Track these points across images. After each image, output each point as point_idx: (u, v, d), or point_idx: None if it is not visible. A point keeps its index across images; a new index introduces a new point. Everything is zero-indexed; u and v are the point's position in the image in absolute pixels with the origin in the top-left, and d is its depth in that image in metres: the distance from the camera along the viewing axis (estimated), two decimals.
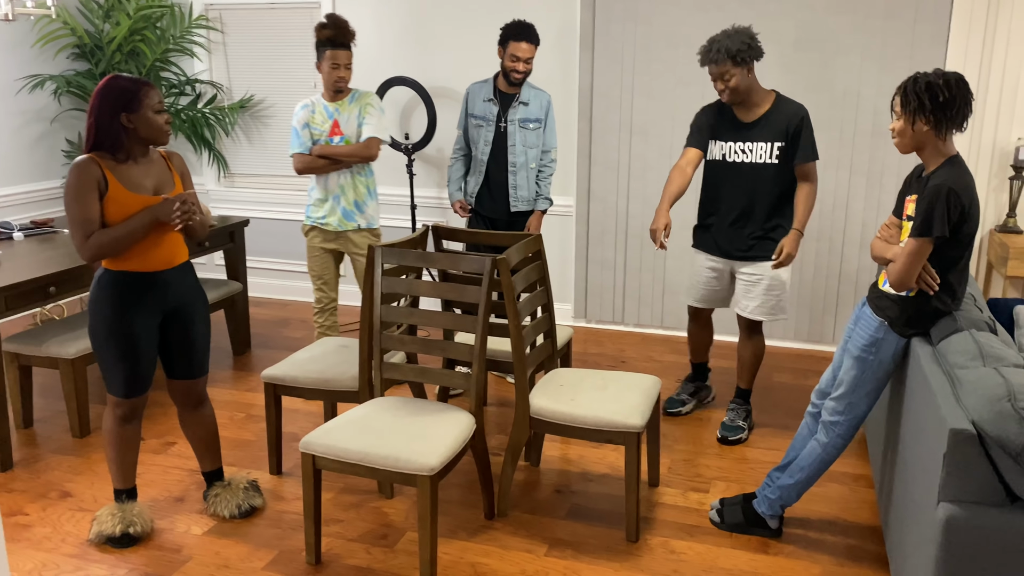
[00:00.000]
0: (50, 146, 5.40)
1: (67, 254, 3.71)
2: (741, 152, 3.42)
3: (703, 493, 3.18)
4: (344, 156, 3.75)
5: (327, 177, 3.81)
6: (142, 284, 2.71)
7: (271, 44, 5.38)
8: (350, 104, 3.76)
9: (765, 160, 3.39)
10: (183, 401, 2.95)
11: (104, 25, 5.24)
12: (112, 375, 2.74)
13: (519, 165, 3.99)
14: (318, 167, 3.77)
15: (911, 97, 2.39)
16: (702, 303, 3.69)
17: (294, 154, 3.79)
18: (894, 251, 2.52)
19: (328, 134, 3.76)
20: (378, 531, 2.93)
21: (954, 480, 1.97)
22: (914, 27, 4.24)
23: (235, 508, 3.00)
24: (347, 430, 2.67)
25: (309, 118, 3.77)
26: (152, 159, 2.75)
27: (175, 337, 2.84)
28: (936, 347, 2.43)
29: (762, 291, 3.51)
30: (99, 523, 2.84)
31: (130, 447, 2.86)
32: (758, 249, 3.48)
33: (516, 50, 3.81)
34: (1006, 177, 4.28)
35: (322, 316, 4.00)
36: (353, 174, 3.81)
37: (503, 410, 3.94)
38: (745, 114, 3.42)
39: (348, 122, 3.75)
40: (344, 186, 3.80)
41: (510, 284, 2.85)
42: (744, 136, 3.41)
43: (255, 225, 5.62)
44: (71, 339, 3.59)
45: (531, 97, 3.97)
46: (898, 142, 2.49)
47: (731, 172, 3.46)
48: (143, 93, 2.61)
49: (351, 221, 3.83)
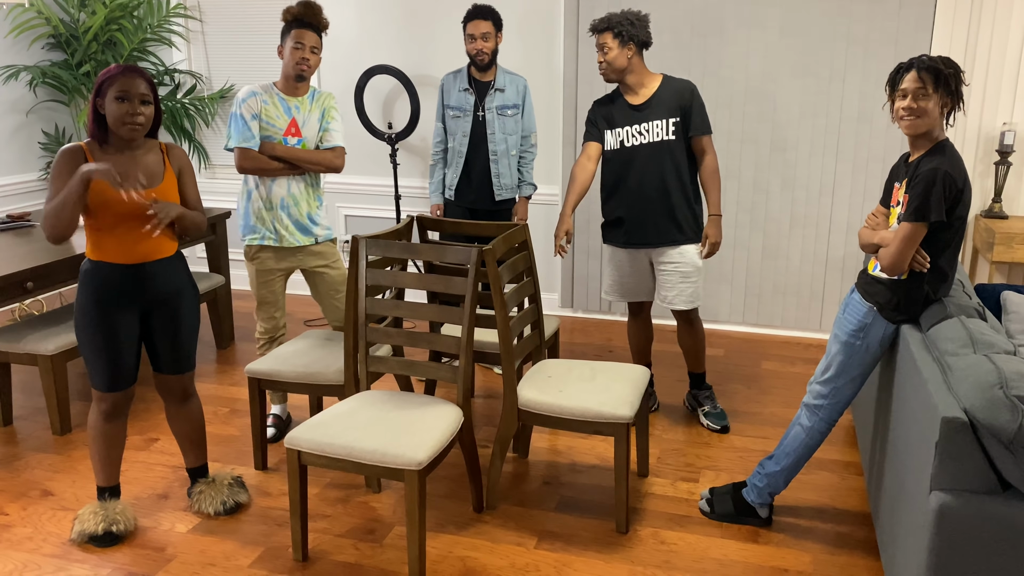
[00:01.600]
0: (26, 138, 5.30)
1: (44, 248, 3.64)
2: (638, 134, 3.40)
3: (693, 483, 3.17)
4: (308, 163, 3.28)
5: (273, 184, 3.29)
6: (123, 276, 2.65)
7: (251, 33, 5.30)
8: (311, 103, 3.32)
9: (663, 137, 3.37)
10: (170, 396, 2.91)
11: (80, 14, 5.14)
12: (94, 368, 2.70)
13: (500, 153, 3.94)
14: (270, 169, 3.25)
15: (943, 79, 2.34)
16: (633, 297, 3.61)
17: (239, 148, 3.22)
18: (882, 235, 2.50)
19: (284, 133, 3.26)
20: (366, 526, 2.90)
21: (946, 468, 1.96)
22: (899, 12, 4.22)
23: (220, 505, 2.96)
24: (333, 425, 2.63)
25: (262, 109, 3.24)
26: (144, 150, 2.67)
27: (160, 330, 2.79)
28: (926, 334, 2.42)
29: (679, 279, 3.47)
30: (81, 522, 2.79)
31: (114, 444, 2.81)
32: (670, 234, 3.44)
33: (473, 29, 3.76)
34: (991, 162, 4.28)
35: (268, 347, 3.49)
36: (307, 182, 3.35)
37: (491, 402, 3.91)
38: (635, 97, 3.41)
39: (308, 123, 3.31)
40: (297, 196, 3.32)
41: (496, 275, 2.81)
42: (638, 118, 3.40)
43: (237, 217, 5.55)
44: (50, 335, 3.53)
45: (507, 83, 3.91)
46: (923, 121, 2.39)
47: (631, 156, 3.42)
48: (112, 79, 2.54)
49: (307, 235, 3.37)
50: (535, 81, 4.81)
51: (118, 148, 2.63)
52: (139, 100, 2.56)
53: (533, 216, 4.99)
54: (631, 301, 3.64)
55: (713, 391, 3.74)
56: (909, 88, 2.39)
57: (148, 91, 2.59)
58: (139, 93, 2.56)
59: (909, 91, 2.39)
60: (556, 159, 4.90)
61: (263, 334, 3.48)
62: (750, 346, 4.61)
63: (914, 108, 2.39)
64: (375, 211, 5.26)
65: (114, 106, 2.54)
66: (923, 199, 2.33)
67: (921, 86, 2.37)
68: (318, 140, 3.36)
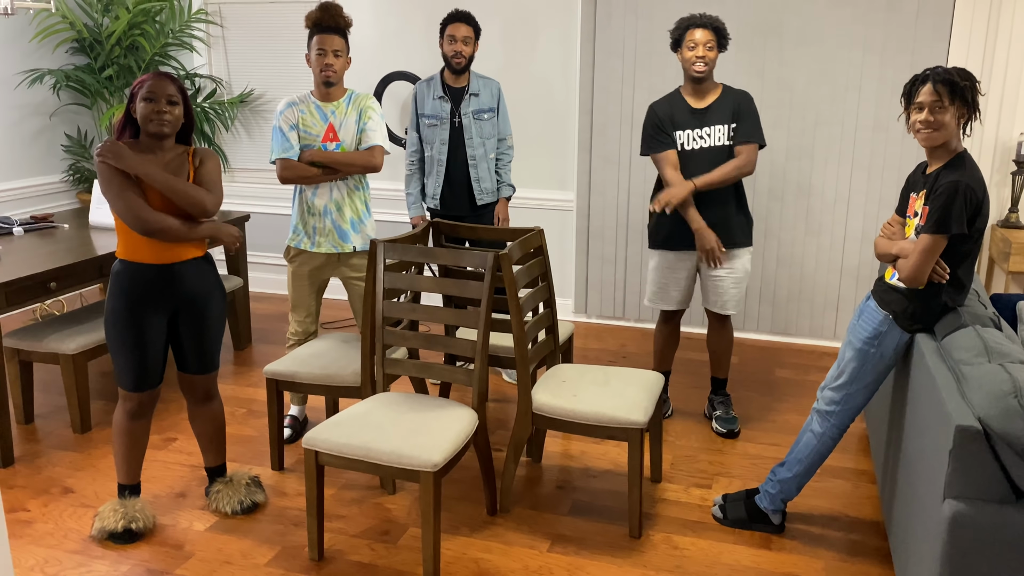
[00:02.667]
0: (49, 141, 5.38)
1: (67, 249, 3.70)
2: (699, 138, 3.42)
3: (706, 489, 3.18)
4: (344, 165, 3.27)
5: (317, 190, 3.32)
6: (151, 276, 2.71)
7: (271, 38, 5.36)
8: (347, 106, 3.32)
9: (723, 142, 3.40)
10: (192, 395, 2.95)
11: (103, 19, 5.22)
12: (121, 367, 2.76)
13: (479, 157, 3.89)
14: (310, 176, 3.28)
15: (959, 91, 2.36)
16: (677, 304, 3.62)
17: (279, 159, 3.27)
18: (900, 246, 2.51)
19: (322, 139, 3.28)
20: (380, 527, 2.93)
21: (960, 477, 1.97)
22: (916, 21, 4.23)
23: (237, 504, 2.99)
24: (349, 426, 2.66)
25: (299, 119, 3.28)
26: (172, 153, 2.73)
27: (186, 331, 2.83)
28: (940, 343, 2.42)
29: (731, 284, 3.51)
30: (101, 519, 2.84)
31: (137, 443, 2.86)
32: (725, 238, 3.45)
33: (454, 31, 3.74)
34: (1008, 172, 4.27)
35: (297, 346, 3.48)
36: (349, 188, 3.34)
37: (504, 406, 3.93)
38: (698, 100, 3.43)
39: (345, 127, 3.30)
40: (339, 201, 3.32)
41: (512, 279, 2.84)
42: (700, 122, 3.41)
43: (256, 220, 5.61)
44: (71, 334, 3.59)
45: (480, 87, 3.87)
46: (940, 134, 2.40)
47: (691, 161, 3.43)
48: (141, 82, 2.65)
49: (347, 242, 3.35)
50: (551, 87, 4.84)
51: (148, 149, 2.70)
52: (166, 100, 2.64)
53: (548, 222, 5.02)
54: (673, 309, 3.64)
55: (730, 398, 3.75)
56: (926, 101, 2.40)
57: (176, 92, 2.67)
58: (166, 94, 2.64)
59: (926, 104, 2.40)
60: (571, 165, 4.93)
61: (293, 335, 3.51)
62: (764, 354, 4.61)
63: (931, 121, 2.39)
64: (392, 215, 5.30)
65: (142, 106, 2.64)
66: (944, 211, 2.34)
67: (937, 99, 2.37)
68: (357, 143, 3.33)
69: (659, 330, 3.73)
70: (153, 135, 2.66)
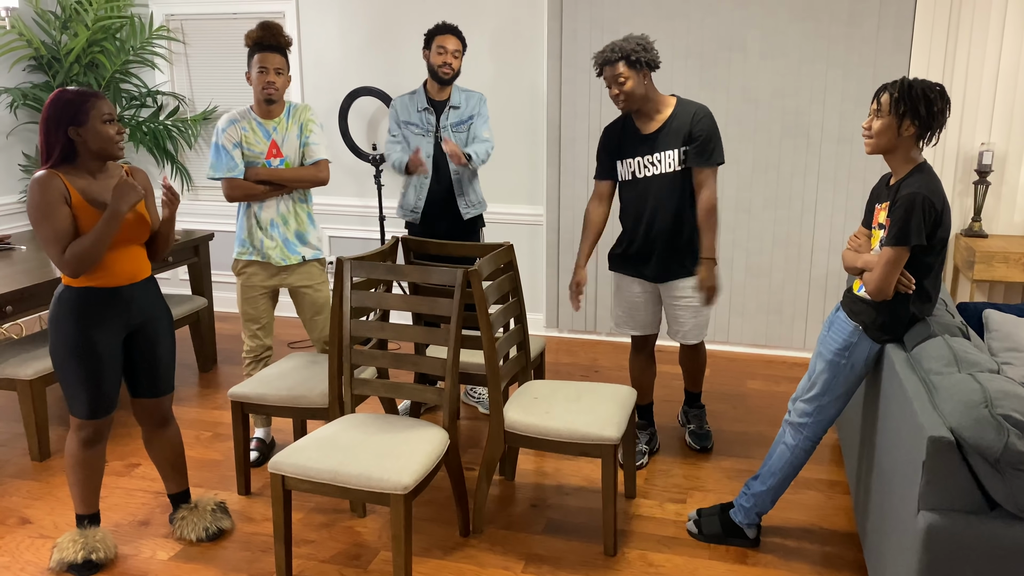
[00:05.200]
0: (6, 160, 5.25)
1: (24, 271, 3.60)
2: (649, 165, 3.24)
3: (680, 504, 3.16)
4: (292, 181, 3.31)
5: (263, 205, 3.34)
6: (105, 300, 2.63)
7: (233, 55, 5.29)
8: (287, 121, 3.33)
9: (674, 168, 3.21)
10: (148, 420, 2.86)
11: (61, 36, 5.12)
12: (75, 396, 2.65)
13: (461, 171, 3.76)
14: (258, 194, 3.30)
15: (906, 100, 2.38)
16: (644, 330, 3.44)
17: (226, 179, 3.28)
18: (865, 259, 2.52)
19: (266, 156, 3.30)
20: (351, 551, 2.87)
21: (934, 488, 1.96)
22: (877, 33, 4.28)
23: (202, 531, 2.91)
24: (317, 449, 2.60)
25: (241, 137, 3.28)
26: (112, 175, 2.67)
27: (140, 354, 2.76)
28: (910, 353, 2.43)
29: (690, 314, 3.36)
30: (60, 550, 2.74)
31: (94, 471, 2.77)
32: (683, 268, 3.31)
33: (443, 42, 3.63)
34: (970, 182, 4.33)
35: (255, 367, 3.50)
36: (295, 201, 3.38)
37: (476, 424, 3.88)
38: (646, 125, 3.25)
39: (288, 142, 3.32)
40: (285, 215, 3.36)
41: (482, 296, 2.81)
42: (649, 148, 3.23)
43: (220, 238, 5.52)
44: (29, 359, 3.48)
45: (462, 100, 3.76)
46: (874, 141, 2.46)
47: (644, 188, 3.26)
48: (90, 104, 2.52)
49: (294, 253, 3.39)
50: (518, 102, 4.83)
51: (90, 172, 2.61)
52: (116, 118, 2.62)
53: (517, 236, 4.99)
54: (641, 334, 3.47)
55: (704, 410, 3.73)
56: (872, 109, 2.48)
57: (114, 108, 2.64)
58: (115, 114, 2.61)
59: (871, 111, 2.49)
60: (540, 180, 4.92)
61: (248, 352, 3.48)
62: (734, 365, 4.62)
63: (866, 128, 2.48)
64: (359, 232, 5.25)
65: (104, 129, 2.55)
66: (903, 224, 2.36)
67: (876, 108, 2.45)
68: (300, 156, 3.36)
69: (633, 360, 3.53)
70: (115, 157, 2.60)
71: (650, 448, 3.53)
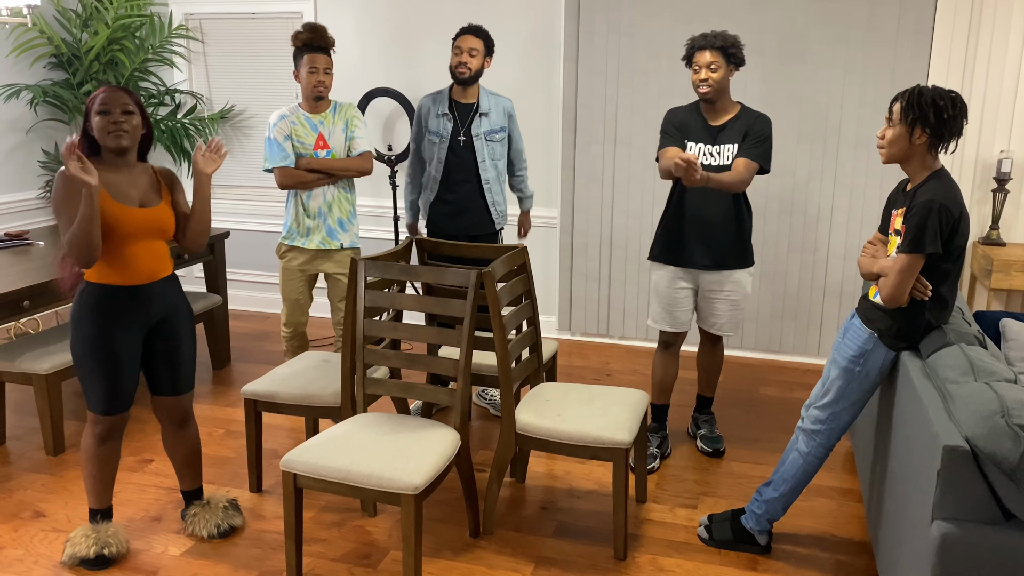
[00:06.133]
0: (26, 157, 5.30)
1: (42, 267, 3.63)
2: (710, 155, 3.33)
3: (691, 509, 3.14)
4: (340, 170, 3.61)
5: (311, 193, 3.62)
6: (125, 298, 2.64)
7: (251, 54, 5.32)
8: (334, 116, 3.63)
9: (731, 162, 3.30)
10: (168, 418, 2.88)
11: (82, 34, 5.16)
12: (92, 392, 2.67)
13: (492, 180, 3.78)
14: (308, 182, 3.58)
15: (915, 108, 2.37)
16: (681, 327, 3.48)
17: (278, 168, 3.57)
18: (881, 264, 2.50)
19: (314, 147, 3.59)
20: (361, 551, 2.87)
21: (948, 498, 1.95)
22: (896, 40, 4.26)
23: (213, 528, 2.92)
24: (329, 447, 2.61)
25: (292, 130, 3.58)
26: (139, 170, 2.69)
27: (160, 352, 2.77)
28: (926, 361, 2.41)
29: (728, 307, 3.43)
30: (73, 544, 2.76)
31: (108, 466, 2.79)
32: (730, 258, 3.38)
33: (461, 43, 3.67)
34: (988, 190, 4.30)
35: (292, 340, 3.80)
36: (339, 190, 3.66)
37: (487, 425, 3.88)
38: (714, 117, 3.34)
39: (334, 135, 3.62)
40: (331, 203, 3.64)
41: (496, 297, 2.81)
42: (713, 139, 3.32)
43: (235, 237, 5.55)
44: (45, 354, 3.51)
45: (491, 105, 3.77)
46: (887, 150, 2.47)
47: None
48: (93, 97, 2.59)
49: (335, 240, 3.66)
50: (535, 105, 4.83)
51: (112, 165, 2.64)
52: (120, 110, 2.59)
53: (531, 239, 4.99)
54: (674, 331, 3.48)
55: (714, 417, 3.72)
56: (886, 117, 2.48)
57: (130, 102, 2.61)
58: (120, 103, 2.59)
59: (885, 120, 2.48)
60: (555, 182, 4.91)
61: (285, 327, 3.78)
62: (748, 371, 4.59)
63: (880, 137, 2.49)
64: (374, 232, 5.26)
65: (98, 119, 2.58)
66: (919, 231, 2.34)
67: (889, 117, 2.46)
68: (346, 149, 3.66)
69: (659, 357, 3.54)
70: (113, 149, 2.61)
71: (661, 452, 3.52)
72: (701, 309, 3.50)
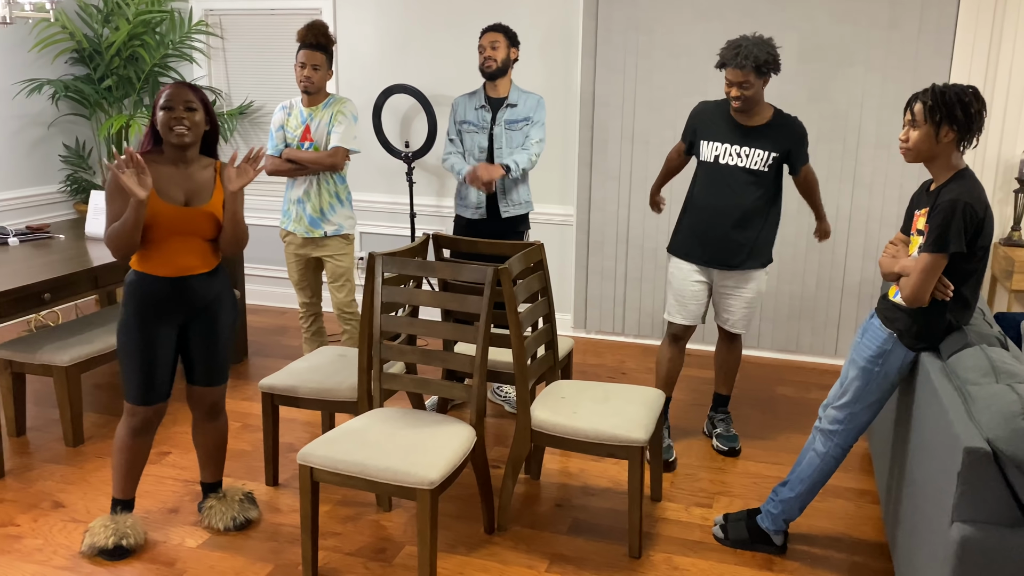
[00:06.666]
0: (47, 151, 5.35)
1: (62, 260, 3.66)
2: (737, 156, 3.33)
3: (706, 508, 3.13)
4: (308, 163, 3.72)
5: (293, 183, 3.82)
6: (165, 289, 2.68)
7: (270, 50, 5.35)
8: (323, 110, 3.75)
9: (760, 167, 3.31)
10: (200, 408, 2.91)
11: (103, 30, 5.20)
12: (128, 380, 2.72)
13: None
14: (284, 171, 3.77)
15: (940, 107, 2.35)
16: (693, 320, 3.52)
17: (268, 155, 3.82)
18: (903, 264, 2.48)
19: (299, 139, 3.75)
20: (376, 545, 2.88)
21: (968, 500, 1.93)
22: (918, 38, 4.22)
23: (229, 521, 2.94)
24: (346, 442, 2.62)
25: (284, 120, 3.79)
26: (198, 166, 2.71)
27: (197, 342, 2.81)
28: (946, 362, 2.39)
29: (744, 304, 3.48)
30: (92, 535, 2.78)
31: (137, 460, 2.81)
32: (745, 258, 3.40)
33: (484, 40, 3.75)
34: (1011, 190, 4.25)
35: (307, 321, 4.03)
36: (319, 182, 3.77)
37: (502, 422, 3.89)
38: (745, 119, 3.34)
39: (318, 128, 3.74)
40: (309, 192, 3.78)
41: (512, 294, 2.81)
42: (744, 140, 3.32)
43: (254, 232, 5.58)
44: (65, 346, 3.54)
45: (519, 99, 3.83)
46: (911, 152, 2.44)
47: (723, 175, 3.35)
48: (162, 92, 2.64)
49: (317, 228, 3.81)
50: (553, 103, 4.82)
51: (170, 159, 2.67)
52: (183, 106, 2.62)
53: (548, 235, 4.99)
54: (685, 324, 3.52)
55: (730, 416, 3.71)
56: (905, 120, 2.45)
57: (194, 99, 2.64)
58: (184, 100, 2.62)
59: (905, 123, 2.46)
60: (571, 179, 4.91)
61: (300, 308, 4.02)
62: (764, 371, 4.57)
63: (903, 140, 2.45)
64: (391, 229, 5.28)
65: (161, 114, 2.61)
66: (943, 230, 2.32)
67: (911, 118, 2.43)
68: (326, 143, 3.76)
69: (666, 351, 3.59)
70: (175, 144, 2.63)
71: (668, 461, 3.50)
72: (716, 304, 3.56)
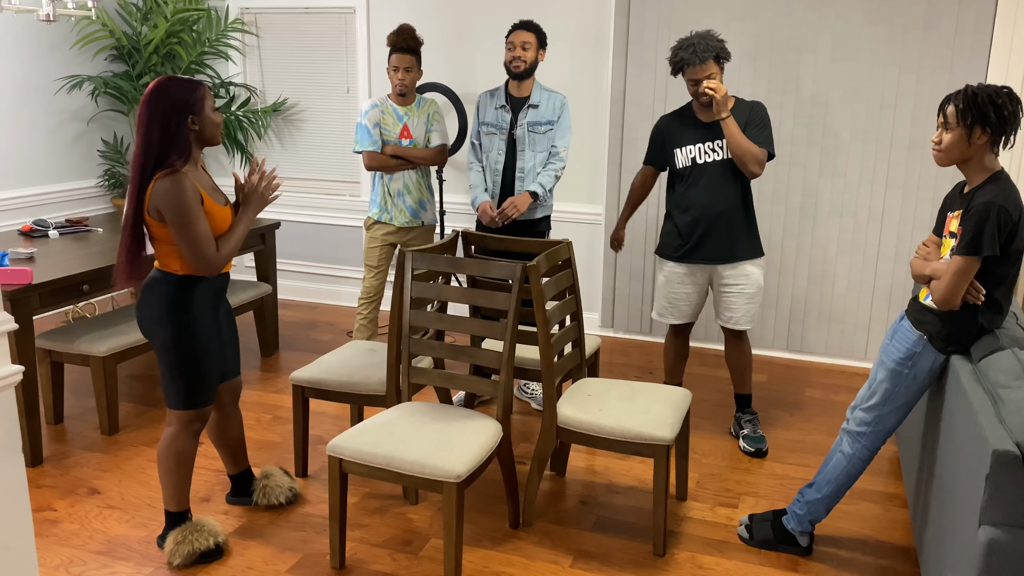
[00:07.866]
0: (87, 146, 5.47)
1: (100, 252, 3.75)
2: (712, 151, 3.40)
3: (732, 508, 3.13)
4: (419, 159, 3.99)
5: (393, 176, 4.00)
6: (214, 286, 2.73)
7: (305, 48, 5.42)
8: (418, 110, 4.00)
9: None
10: (230, 399, 2.97)
11: (142, 27, 5.30)
12: (191, 387, 2.66)
13: (528, 171, 3.82)
14: (390, 166, 3.96)
15: (972, 109, 2.33)
16: (687, 319, 3.62)
17: (366, 151, 3.95)
18: (934, 266, 2.46)
19: (398, 136, 3.96)
20: (402, 537, 2.92)
21: (996, 503, 1.92)
22: (954, 38, 4.17)
23: (288, 492, 3.07)
24: (374, 434, 2.66)
25: (380, 118, 3.96)
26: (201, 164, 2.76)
27: (228, 331, 2.88)
28: (977, 365, 2.37)
29: (746, 300, 3.50)
30: (178, 548, 2.67)
31: (192, 464, 2.77)
32: (736, 250, 3.45)
33: (513, 38, 3.75)
34: None
35: (368, 307, 4.15)
36: (418, 176, 4.04)
37: (529, 418, 3.91)
38: (707, 115, 3.40)
39: (417, 127, 3.99)
40: (410, 186, 4.02)
41: (540, 291, 2.83)
42: (712, 135, 3.39)
43: (286, 228, 5.65)
44: (102, 337, 3.63)
45: (542, 99, 3.81)
46: (944, 155, 2.42)
47: (705, 172, 3.42)
48: (203, 92, 2.55)
49: (416, 218, 4.07)
50: (583, 101, 4.83)
51: (195, 164, 2.65)
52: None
53: (577, 234, 5.00)
54: (680, 323, 3.63)
55: (757, 417, 3.70)
56: (939, 123, 2.44)
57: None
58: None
59: (938, 125, 2.44)
60: (600, 179, 4.91)
61: (364, 293, 4.13)
62: (793, 373, 4.55)
63: (936, 142, 2.44)
64: None
65: (215, 116, 2.61)
66: (976, 233, 2.30)
67: (943, 121, 2.41)
68: (426, 140, 4.04)
69: (670, 344, 3.73)
70: (215, 145, 2.66)
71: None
72: (716, 304, 3.58)
